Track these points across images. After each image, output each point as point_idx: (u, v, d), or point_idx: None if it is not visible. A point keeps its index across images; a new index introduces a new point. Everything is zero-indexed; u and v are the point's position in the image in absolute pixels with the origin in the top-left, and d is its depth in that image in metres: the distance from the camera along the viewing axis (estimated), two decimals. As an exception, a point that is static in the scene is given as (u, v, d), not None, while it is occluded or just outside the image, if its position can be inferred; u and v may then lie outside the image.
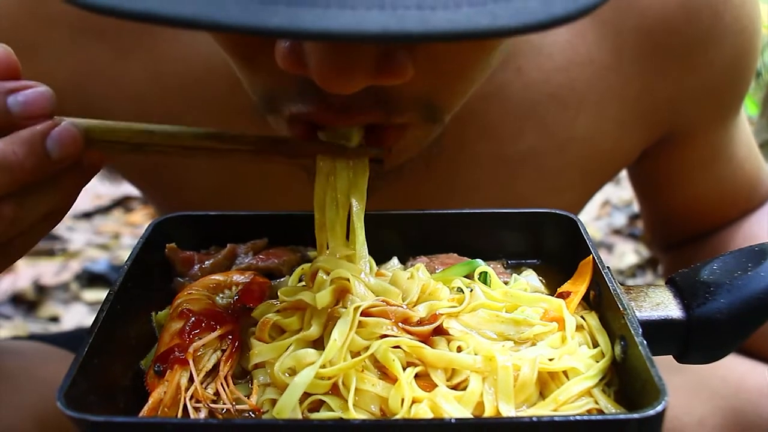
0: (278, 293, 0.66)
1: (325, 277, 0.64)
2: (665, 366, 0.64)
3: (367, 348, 0.59)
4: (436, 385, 0.57)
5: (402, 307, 0.63)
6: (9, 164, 0.54)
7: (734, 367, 0.90)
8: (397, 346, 0.59)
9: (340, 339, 0.59)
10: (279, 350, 0.61)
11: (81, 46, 0.86)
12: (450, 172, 0.92)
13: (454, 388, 0.58)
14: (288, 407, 0.55)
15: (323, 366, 0.57)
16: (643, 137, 0.96)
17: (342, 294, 0.63)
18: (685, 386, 0.89)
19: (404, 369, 0.58)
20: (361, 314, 0.61)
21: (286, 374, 0.59)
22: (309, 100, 0.63)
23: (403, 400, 0.56)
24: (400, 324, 0.61)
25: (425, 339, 0.61)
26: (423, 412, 0.55)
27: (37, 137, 0.56)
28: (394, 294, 0.65)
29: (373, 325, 0.60)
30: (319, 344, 0.62)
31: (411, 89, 0.62)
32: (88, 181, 0.62)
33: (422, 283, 0.67)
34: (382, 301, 0.63)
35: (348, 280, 0.63)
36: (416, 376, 0.58)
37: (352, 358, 0.59)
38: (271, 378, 0.60)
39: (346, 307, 0.62)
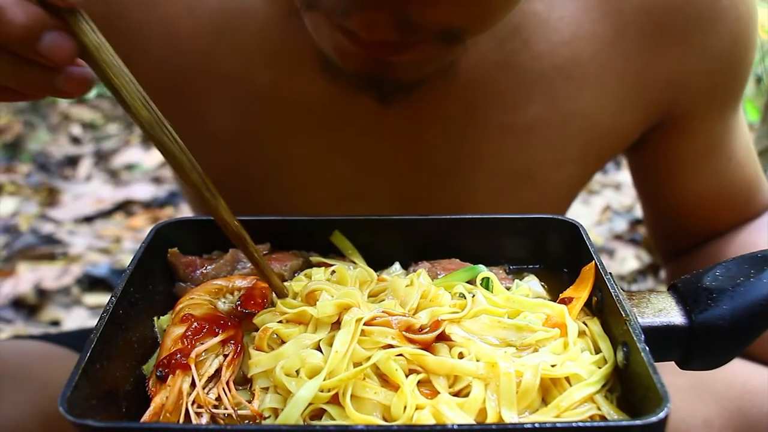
0: (279, 304, 0.66)
1: (329, 298, 0.65)
2: (670, 368, 0.64)
3: (368, 358, 0.59)
4: (439, 393, 0.57)
5: (404, 315, 0.63)
6: (5, 18, 0.53)
7: (740, 370, 0.90)
8: (400, 354, 0.59)
9: (342, 349, 0.58)
10: (278, 359, 0.61)
11: None
12: (458, 140, 0.94)
13: (456, 394, 0.58)
14: (290, 421, 0.55)
15: (325, 378, 0.57)
16: (642, 116, 0.98)
17: (345, 308, 0.63)
18: (690, 388, 0.89)
19: (407, 376, 0.58)
20: (364, 325, 0.61)
21: (290, 377, 0.59)
22: (348, 13, 0.68)
23: (405, 408, 0.55)
24: (403, 333, 0.61)
25: (427, 346, 0.61)
26: (425, 418, 0.54)
27: (42, 21, 0.55)
28: (392, 305, 0.65)
29: (377, 334, 0.60)
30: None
31: (432, 15, 0.66)
32: (53, 92, 0.60)
33: (423, 289, 0.67)
34: (383, 312, 0.63)
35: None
36: (418, 383, 0.58)
37: (354, 368, 0.58)
38: (272, 380, 0.60)
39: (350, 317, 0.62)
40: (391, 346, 0.60)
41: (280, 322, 0.65)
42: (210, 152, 0.97)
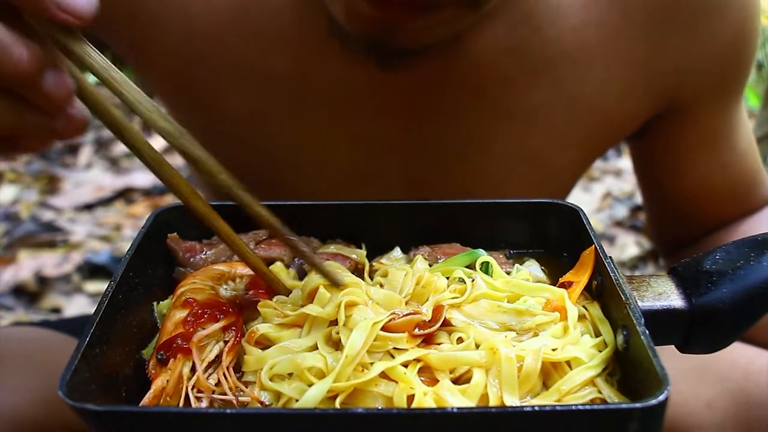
0: (284, 304, 0.66)
1: (328, 295, 0.64)
2: (672, 350, 0.64)
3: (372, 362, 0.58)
4: (439, 380, 0.57)
5: (412, 313, 0.62)
6: (8, 58, 0.50)
7: (742, 351, 0.91)
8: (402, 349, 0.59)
9: (353, 353, 0.57)
10: (261, 363, 0.60)
11: None
12: (466, 123, 0.95)
13: (456, 380, 0.58)
14: None
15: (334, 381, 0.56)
16: (646, 103, 0.98)
17: (350, 305, 0.63)
18: (692, 370, 0.90)
19: (407, 366, 0.58)
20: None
21: (279, 381, 0.59)
22: None
23: (407, 398, 0.55)
24: (411, 334, 0.60)
25: (430, 336, 0.61)
26: (427, 405, 0.55)
27: (44, 59, 0.52)
28: (397, 301, 0.64)
29: (392, 340, 0.60)
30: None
31: None
32: (53, 135, 0.57)
33: (417, 274, 0.66)
34: (393, 313, 0.62)
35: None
36: (418, 370, 0.58)
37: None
38: (258, 385, 0.59)
39: (363, 317, 0.61)
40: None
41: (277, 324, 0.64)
42: (225, 136, 0.98)
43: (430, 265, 0.71)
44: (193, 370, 0.60)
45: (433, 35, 0.80)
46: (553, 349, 0.59)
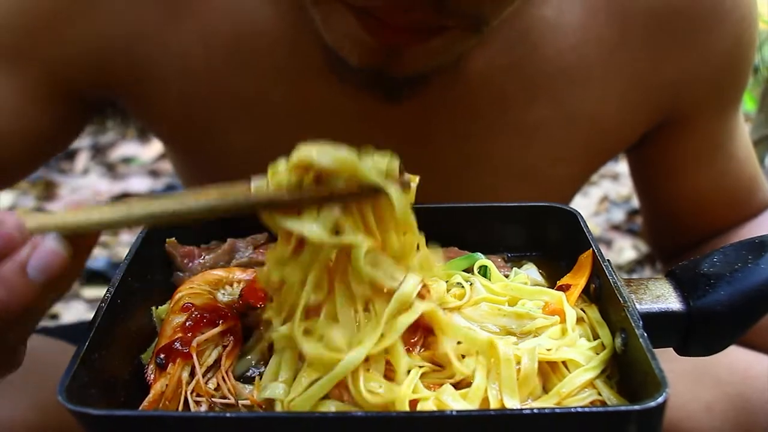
0: None
1: None
2: (671, 353, 0.65)
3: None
4: (441, 385, 0.57)
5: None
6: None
7: (741, 356, 0.91)
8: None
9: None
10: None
11: (135, 6, 0.88)
12: (466, 140, 0.95)
13: (455, 386, 0.58)
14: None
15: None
16: (644, 117, 0.99)
17: None
18: (691, 373, 0.90)
19: (408, 372, 0.58)
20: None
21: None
22: None
23: (410, 402, 0.55)
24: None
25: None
26: (429, 408, 0.55)
27: (17, 270, 0.52)
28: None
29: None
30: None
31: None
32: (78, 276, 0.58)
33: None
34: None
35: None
36: (420, 375, 0.58)
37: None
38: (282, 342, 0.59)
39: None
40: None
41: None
42: (229, 170, 0.98)
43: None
44: (192, 374, 0.60)
45: (435, 61, 0.80)
46: (548, 349, 0.59)
